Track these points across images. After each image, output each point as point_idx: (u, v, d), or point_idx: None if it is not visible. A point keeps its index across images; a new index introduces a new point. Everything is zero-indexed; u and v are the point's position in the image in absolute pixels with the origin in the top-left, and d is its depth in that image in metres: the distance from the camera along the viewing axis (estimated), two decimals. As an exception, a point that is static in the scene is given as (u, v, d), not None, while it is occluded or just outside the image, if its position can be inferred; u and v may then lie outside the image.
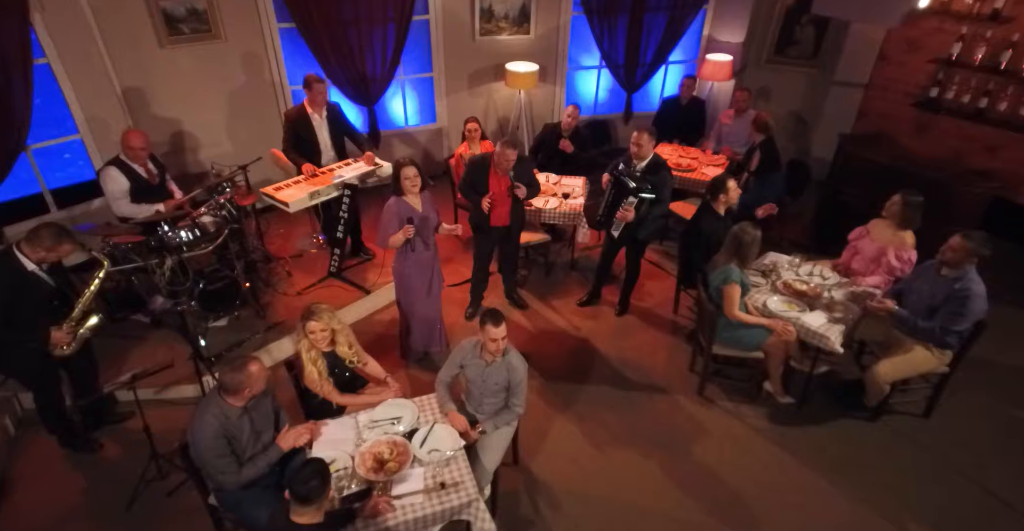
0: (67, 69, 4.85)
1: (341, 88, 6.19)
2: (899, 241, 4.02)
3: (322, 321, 3.03)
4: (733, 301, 3.74)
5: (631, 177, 4.24)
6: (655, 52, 7.12)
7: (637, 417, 4.05)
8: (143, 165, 4.41)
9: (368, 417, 3.06)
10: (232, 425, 2.59)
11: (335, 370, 3.18)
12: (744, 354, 3.94)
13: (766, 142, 5.45)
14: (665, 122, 6.71)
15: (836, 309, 3.84)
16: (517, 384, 3.08)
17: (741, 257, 3.71)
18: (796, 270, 4.26)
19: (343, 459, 2.81)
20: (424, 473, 2.77)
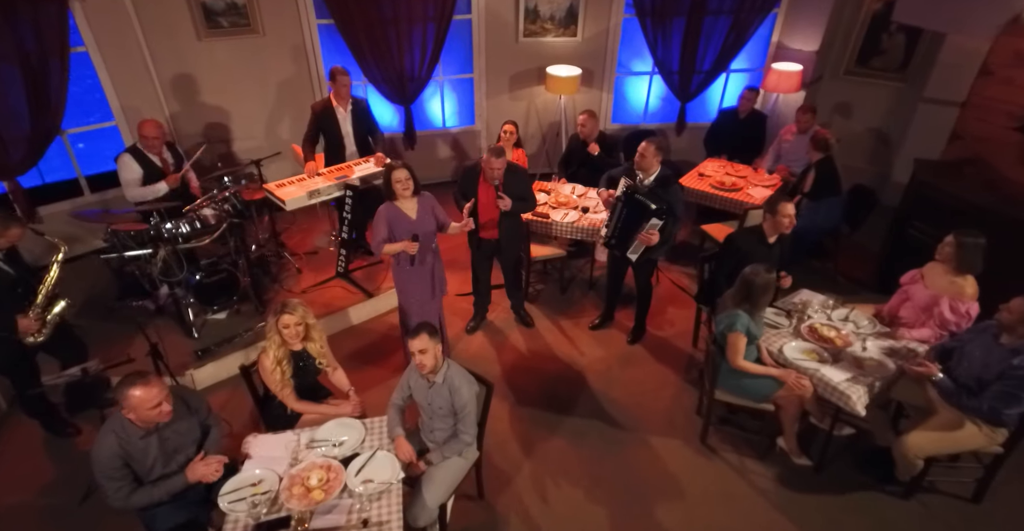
0: (105, 58, 5.00)
1: (377, 86, 6.11)
2: (956, 290, 3.42)
3: (296, 315, 2.90)
4: (737, 350, 3.29)
5: (648, 195, 3.85)
6: (714, 59, 6.62)
7: (626, 458, 3.67)
8: (158, 154, 4.45)
9: (310, 436, 2.87)
10: (133, 446, 2.44)
11: (300, 372, 3.01)
12: (751, 405, 3.46)
13: (824, 162, 4.90)
14: (719, 136, 6.21)
15: (866, 364, 3.30)
16: (462, 408, 2.80)
17: (752, 303, 3.26)
18: (829, 313, 3.72)
19: (270, 480, 2.63)
20: (351, 506, 2.54)
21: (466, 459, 2.98)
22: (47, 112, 4.77)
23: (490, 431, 3.81)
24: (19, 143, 4.74)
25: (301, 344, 3.01)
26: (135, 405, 2.35)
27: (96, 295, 4.89)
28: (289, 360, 2.95)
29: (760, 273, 3.19)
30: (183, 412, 2.61)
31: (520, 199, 4.07)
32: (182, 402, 2.64)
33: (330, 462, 2.70)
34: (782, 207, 3.66)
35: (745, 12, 6.32)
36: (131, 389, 2.36)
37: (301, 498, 2.52)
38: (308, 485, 2.58)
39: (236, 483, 2.59)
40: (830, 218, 5.07)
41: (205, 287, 4.29)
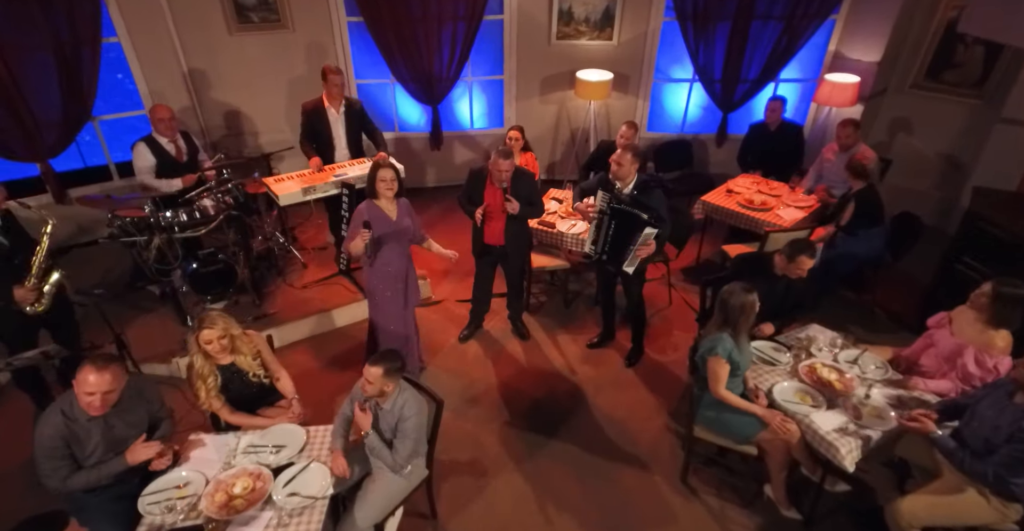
0: (136, 48, 5.17)
1: (405, 85, 6.07)
2: (985, 341, 2.99)
3: (217, 328, 2.77)
4: (717, 377, 3.00)
5: (635, 205, 3.61)
6: (762, 67, 6.20)
7: (597, 489, 3.43)
8: (172, 140, 4.53)
9: (249, 440, 2.80)
10: (78, 428, 2.43)
11: (232, 386, 2.93)
12: (732, 446, 3.16)
13: (864, 191, 4.48)
14: (752, 150, 5.82)
15: (865, 413, 2.94)
16: (402, 431, 2.65)
17: (731, 325, 2.97)
18: (835, 353, 3.35)
19: (197, 483, 2.57)
20: (270, 519, 2.45)
21: (407, 479, 2.83)
22: (78, 99, 4.97)
23: (461, 445, 3.71)
24: (51, 128, 4.95)
25: (229, 358, 2.90)
26: (77, 383, 2.35)
27: (112, 278, 5.04)
28: (216, 375, 2.85)
29: (735, 292, 2.92)
30: (136, 403, 2.59)
31: (528, 203, 3.90)
32: (137, 392, 2.63)
33: (261, 470, 2.62)
34: (800, 261, 3.33)
35: (798, 18, 5.88)
36: (83, 368, 2.35)
37: (221, 506, 2.45)
38: (231, 493, 2.50)
39: (161, 484, 2.55)
40: (871, 248, 4.62)
41: (201, 276, 4.33)
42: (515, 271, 4.28)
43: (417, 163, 6.64)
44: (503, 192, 3.77)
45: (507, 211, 3.82)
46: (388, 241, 3.57)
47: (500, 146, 3.78)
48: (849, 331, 4.36)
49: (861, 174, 4.49)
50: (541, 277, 5.22)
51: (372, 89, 6.32)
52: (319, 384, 4.14)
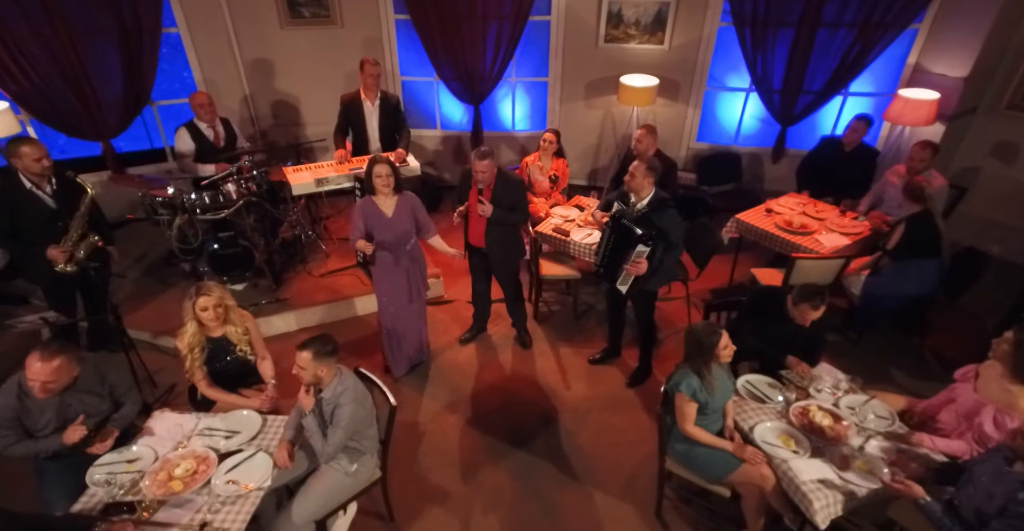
0: (194, 39, 5.46)
1: (448, 84, 6.08)
2: (1008, 400, 2.61)
3: (213, 296, 2.87)
4: (683, 414, 2.79)
5: (635, 220, 3.41)
6: (827, 79, 5.74)
7: (563, 512, 3.27)
8: (211, 126, 4.77)
9: (207, 423, 2.87)
10: (31, 402, 2.54)
11: (218, 359, 3.01)
12: (703, 484, 2.92)
13: (919, 217, 4.05)
14: (817, 168, 5.39)
15: (853, 467, 2.63)
16: (335, 419, 2.62)
17: (691, 361, 2.75)
18: (838, 396, 3.03)
19: (146, 460, 2.65)
20: (203, 504, 2.48)
21: (353, 478, 2.80)
22: (138, 84, 5.32)
23: (433, 450, 3.65)
24: (112, 110, 5.32)
25: (221, 329, 2.99)
26: (32, 373, 2.44)
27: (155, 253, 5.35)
28: (203, 346, 2.94)
29: (698, 330, 2.73)
30: (95, 384, 2.69)
31: (509, 209, 3.80)
32: (99, 375, 2.73)
33: (208, 454, 2.67)
34: (802, 309, 3.03)
35: (873, 26, 5.40)
36: (32, 354, 2.44)
37: (160, 486, 2.51)
38: (173, 473, 2.56)
39: (114, 457, 2.65)
40: (922, 283, 4.15)
41: (221, 258, 4.51)
42: (504, 277, 4.16)
43: (457, 161, 6.65)
44: (478, 193, 3.68)
45: (479, 213, 3.73)
46: (382, 237, 3.57)
47: (481, 147, 3.67)
48: (891, 376, 4.01)
49: (918, 197, 4.06)
50: (557, 286, 5.07)
51: (416, 87, 6.38)
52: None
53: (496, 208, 3.73)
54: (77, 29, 4.91)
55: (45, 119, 5.20)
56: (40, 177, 3.48)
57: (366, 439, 2.78)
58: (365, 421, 2.72)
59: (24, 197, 3.48)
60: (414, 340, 4.07)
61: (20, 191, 3.46)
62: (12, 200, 3.45)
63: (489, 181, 3.70)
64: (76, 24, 4.89)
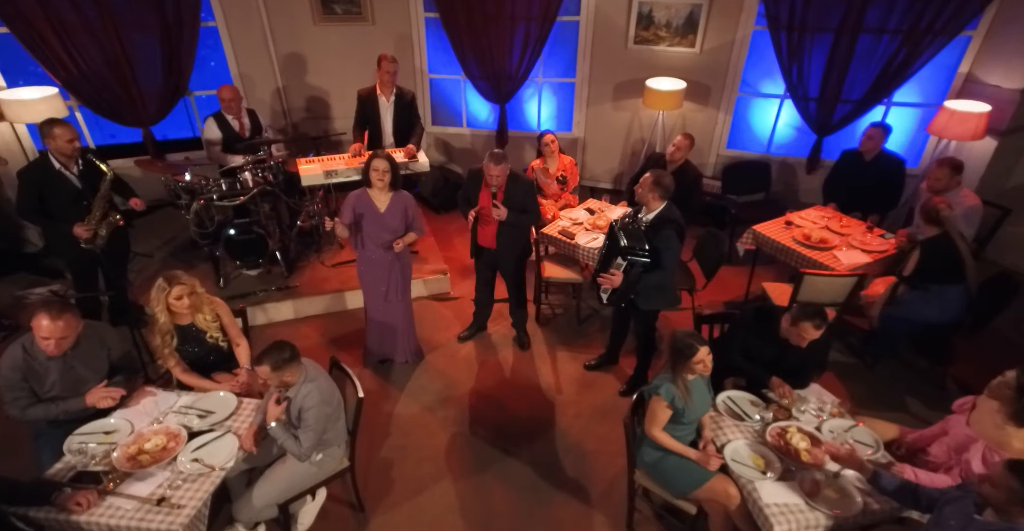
0: (231, 32, 5.67)
1: (475, 83, 6.11)
2: (999, 438, 2.42)
3: (186, 285, 2.96)
4: (654, 417, 2.72)
5: (628, 231, 3.32)
6: (869, 87, 5.46)
7: (535, 518, 3.22)
8: (237, 117, 4.96)
9: (185, 402, 2.97)
10: (37, 364, 2.69)
11: (189, 348, 3.10)
12: (669, 499, 2.83)
13: (935, 241, 3.81)
14: (840, 180, 5.16)
15: (824, 492, 2.49)
16: (304, 421, 2.65)
17: (674, 370, 2.66)
18: (823, 418, 2.88)
19: (123, 432, 2.77)
20: (166, 479, 2.57)
21: (317, 467, 2.84)
22: (176, 75, 5.57)
23: (416, 444, 3.67)
24: (152, 98, 5.59)
25: (190, 317, 3.06)
26: (38, 331, 2.59)
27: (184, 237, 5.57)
28: (173, 333, 3.03)
29: (679, 337, 2.65)
30: (96, 348, 2.83)
31: (520, 211, 3.78)
32: (98, 339, 2.87)
33: (180, 431, 2.76)
34: (803, 327, 2.86)
35: (921, 33, 5.11)
36: (38, 314, 2.59)
37: (129, 458, 2.61)
38: (143, 447, 2.66)
39: (92, 427, 2.78)
40: (944, 310, 3.89)
41: (236, 243, 4.66)
42: (510, 278, 4.16)
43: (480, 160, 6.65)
44: (492, 197, 3.67)
45: (494, 217, 3.71)
46: (371, 231, 3.62)
47: (494, 150, 3.67)
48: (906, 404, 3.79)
49: (933, 220, 3.82)
50: (564, 289, 5.02)
51: (444, 84, 6.44)
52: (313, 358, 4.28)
53: (509, 210, 3.72)
54: (123, 21, 5.18)
55: (91, 105, 5.51)
56: (68, 158, 3.69)
57: (332, 431, 2.82)
58: (332, 417, 2.76)
59: (53, 177, 3.70)
60: (390, 338, 4.08)
61: (50, 171, 3.69)
62: (42, 179, 3.68)
63: (503, 184, 3.70)
64: (122, 17, 5.16)
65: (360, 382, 2.94)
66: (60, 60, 5.19)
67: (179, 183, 4.50)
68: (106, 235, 3.85)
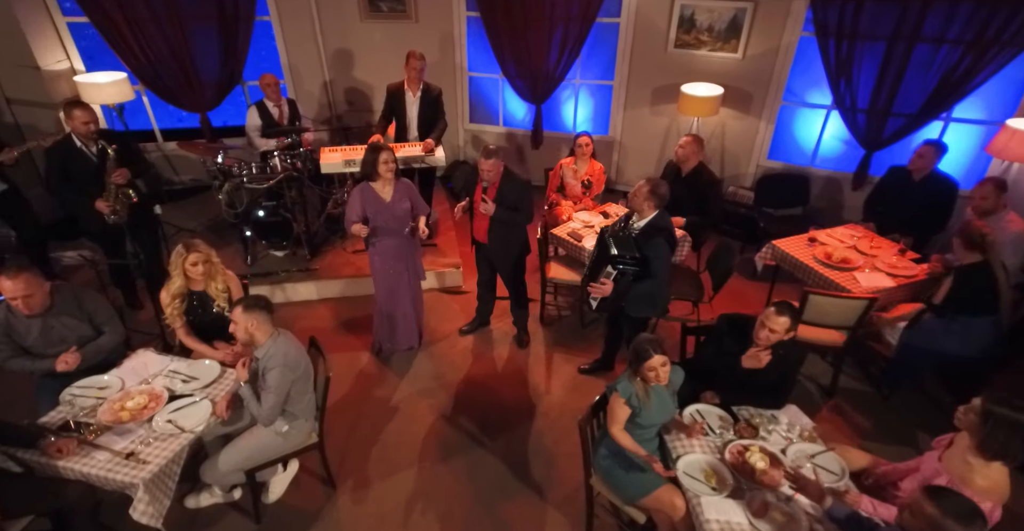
0: (283, 27, 5.98)
1: (511, 82, 6.16)
2: (963, 474, 2.25)
3: (202, 252, 3.17)
4: (612, 415, 2.69)
5: (618, 239, 3.27)
6: (925, 101, 5.12)
7: (496, 513, 3.24)
8: (277, 104, 5.25)
9: (174, 366, 3.18)
10: (18, 322, 2.94)
11: (197, 311, 3.31)
12: (620, 505, 2.78)
13: (973, 269, 3.54)
14: (884, 198, 4.86)
15: (772, 513, 2.38)
16: (265, 383, 2.78)
17: (633, 371, 2.62)
18: (791, 440, 2.74)
19: (113, 389, 3.00)
20: (139, 436, 2.77)
21: (283, 438, 2.97)
22: (232, 64, 5.94)
23: (398, 429, 3.80)
24: (209, 86, 5.99)
25: (203, 284, 3.28)
26: (4, 293, 2.83)
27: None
28: (184, 297, 3.25)
29: (640, 339, 2.61)
30: (73, 310, 3.07)
31: (512, 209, 3.80)
32: (76, 302, 3.09)
33: (162, 393, 2.97)
34: (766, 315, 2.77)
35: (986, 44, 4.74)
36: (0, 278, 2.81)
37: (112, 413, 2.83)
38: (125, 405, 2.88)
39: (88, 382, 3.02)
40: (970, 342, 3.60)
41: (263, 224, 4.94)
42: (507, 276, 4.19)
43: (517, 159, 6.72)
44: (482, 191, 3.72)
45: (481, 211, 3.75)
46: (381, 222, 3.75)
47: (488, 146, 3.71)
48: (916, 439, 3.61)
49: (976, 245, 3.53)
50: (574, 291, 4.98)
51: (483, 83, 6.52)
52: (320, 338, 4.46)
53: (499, 207, 3.76)
54: (186, 14, 5.58)
55: (155, 90, 5.96)
56: (87, 138, 4.03)
57: (299, 404, 2.94)
58: (298, 386, 2.88)
59: (75, 154, 4.06)
60: (407, 325, 4.20)
61: (72, 149, 4.05)
62: (65, 156, 4.05)
63: (494, 180, 3.74)
64: (185, 10, 5.57)
65: (359, 363, 3.05)
66: (130, 48, 5.65)
67: (216, 165, 4.80)
68: (124, 210, 4.18)
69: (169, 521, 2.69)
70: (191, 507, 3.19)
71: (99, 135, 4.05)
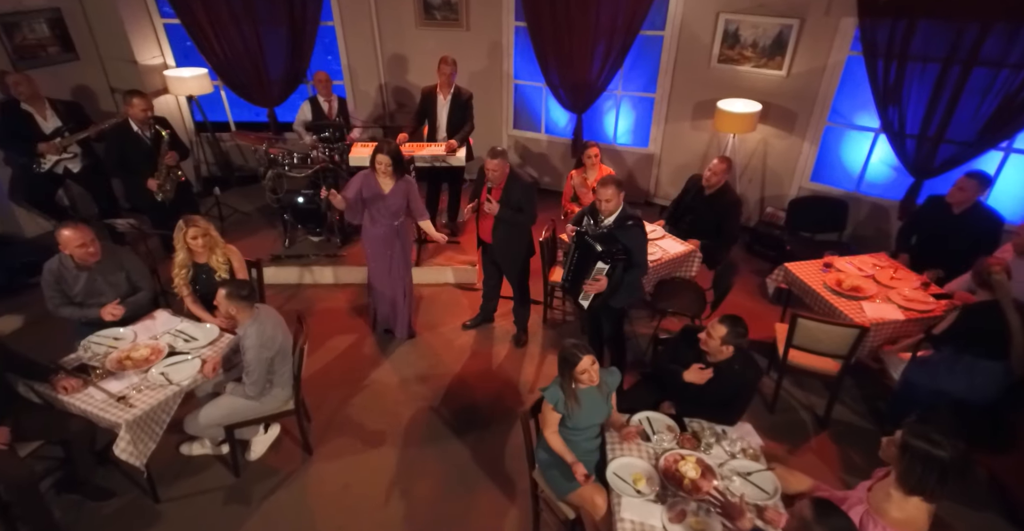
0: (345, 32, 6.43)
1: (554, 91, 6.29)
2: (879, 505, 2.17)
3: (200, 227, 3.51)
4: (544, 420, 2.79)
5: (598, 236, 3.35)
6: (982, 128, 4.80)
7: (453, 501, 3.37)
8: (327, 100, 5.67)
9: (181, 327, 3.54)
10: (67, 272, 3.39)
11: (201, 281, 3.67)
12: (552, 499, 2.84)
13: (980, 308, 3.36)
14: (919, 229, 4.62)
15: (688, 519, 2.38)
16: (245, 362, 3.06)
17: (562, 376, 2.69)
18: (732, 455, 2.70)
19: (127, 340, 3.40)
20: (134, 383, 3.12)
21: (258, 402, 3.24)
22: (298, 64, 6.44)
23: (383, 409, 4.02)
24: (277, 83, 6.53)
25: (206, 257, 3.62)
26: (64, 242, 3.28)
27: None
28: (189, 268, 3.61)
29: (564, 345, 2.72)
30: (114, 267, 3.49)
31: (516, 209, 3.94)
32: (116, 261, 3.52)
33: (163, 348, 3.32)
34: (712, 324, 2.82)
35: (1053, 69, 4.41)
36: (63, 229, 3.28)
37: (117, 361, 3.21)
38: (130, 355, 3.25)
39: (107, 333, 3.43)
40: (975, 386, 3.37)
41: (300, 210, 5.34)
42: (512, 276, 4.31)
43: (557, 166, 6.83)
44: (487, 191, 3.86)
45: (485, 210, 3.89)
46: (374, 209, 4.00)
47: (494, 146, 3.86)
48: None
49: (985, 283, 3.32)
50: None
51: (527, 91, 6.69)
52: (327, 320, 4.83)
53: (503, 207, 3.91)
54: (260, 17, 6.13)
55: (230, 85, 6.56)
56: (143, 123, 4.54)
57: (276, 374, 3.21)
58: (278, 360, 3.15)
59: (132, 137, 4.60)
60: (388, 309, 4.43)
61: (128, 132, 4.60)
62: (122, 139, 4.60)
63: (499, 180, 3.90)
64: (260, 14, 6.11)
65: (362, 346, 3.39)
66: (211, 46, 6.27)
67: (268, 154, 5.25)
68: (172, 188, 4.65)
69: (162, 463, 3.11)
70: (184, 453, 3.55)
71: (154, 121, 4.55)
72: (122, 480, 3.40)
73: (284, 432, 3.73)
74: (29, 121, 4.89)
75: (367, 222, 4.10)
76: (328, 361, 4.38)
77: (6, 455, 2.83)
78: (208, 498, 3.34)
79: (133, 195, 4.95)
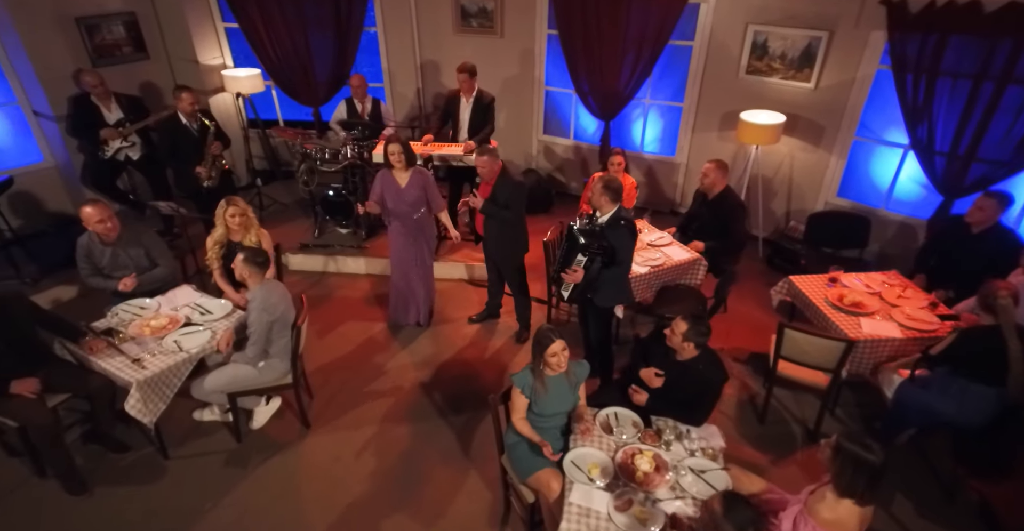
0: (387, 37, 6.76)
1: (583, 98, 6.41)
2: (812, 505, 2.21)
3: (240, 206, 3.85)
4: (512, 405, 2.94)
5: (585, 231, 3.48)
6: (1016, 147, 4.63)
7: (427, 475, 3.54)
8: (361, 101, 5.98)
9: (200, 301, 3.86)
10: (95, 248, 3.75)
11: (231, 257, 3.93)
12: (515, 482, 2.96)
13: (980, 331, 3.30)
14: (936, 249, 4.50)
15: (631, 511, 2.46)
16: (248, 323, 3.33)
17: (535, 361, 2.85)
18: (690, 452, 2.76)
19: (151, 310, 3.74)
20: (149, 346, 3.44)
21: (258, 372, 3.50)
22: (342, 66, 6.81)
23: (379, 391, 4.26)
24: (322, 85, 6.91)
25: (240, 235, 3.93)
26: (86, 218, 3.64)
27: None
28: (223, 245, 3.93)
29: (539, 329, 2.90)
30: (135, 245, 3.85)
31: (503, 206, 4.10)
32: (136, 238, 3.85)
33: (180, 319, 3.65)
34: (676, 323, 2.91)
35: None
36: (85, 206, 3.64)
37: (139, 328, 3.55)
38: (151, 324, 3.58)
39: (136, 302, 3.79)
40: (967, 410, 3.29)
41: (330, 203, 5.67)
42: (508, 274, 4.48)
43: (583, 171, 6.94)
44: (474, 187, 4.06)
45: (497, 214, 4.10)
46: (394, 205, 4.25)
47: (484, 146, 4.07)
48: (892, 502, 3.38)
49: (989, 307, 3.24)
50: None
51: (558, 97, 6.83)
52: (344, 307, 5.10)
53: (488, 202, 4.10)
54: (309, 22, 6.53)
55: (280, 85, 7.00)
56: (190, 116, 4.96)
57: (275, 345, 3.47)
58: (275, 329, 3.41)
59: (181, 129, 5.05)
60: (413, 302, 4.64)
61: (178, 124, 5.04)
62: (174, 130, 5.05)
63: (489, 177, 4.08)
64: (309, 18, 6.51)
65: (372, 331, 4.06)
66: (264, 48, 6.72)
67: (303, 148, 5.60)
68: (217, 176, 5.05)
69: (176, 425, 3.56)
70: (196, 419, 3.86)
71: (200, 114, 4.96)
72: (139, 437, 3.74)
73: (287, 406, 3.99)
74: (96, 113, 5.44)
75: (390, 221, 4.34)
76: (338, 344, 4.64)
77: (34, 403, 3.18)
78: (210, 459, 3.63)
79: (181, 182, 5.39)
